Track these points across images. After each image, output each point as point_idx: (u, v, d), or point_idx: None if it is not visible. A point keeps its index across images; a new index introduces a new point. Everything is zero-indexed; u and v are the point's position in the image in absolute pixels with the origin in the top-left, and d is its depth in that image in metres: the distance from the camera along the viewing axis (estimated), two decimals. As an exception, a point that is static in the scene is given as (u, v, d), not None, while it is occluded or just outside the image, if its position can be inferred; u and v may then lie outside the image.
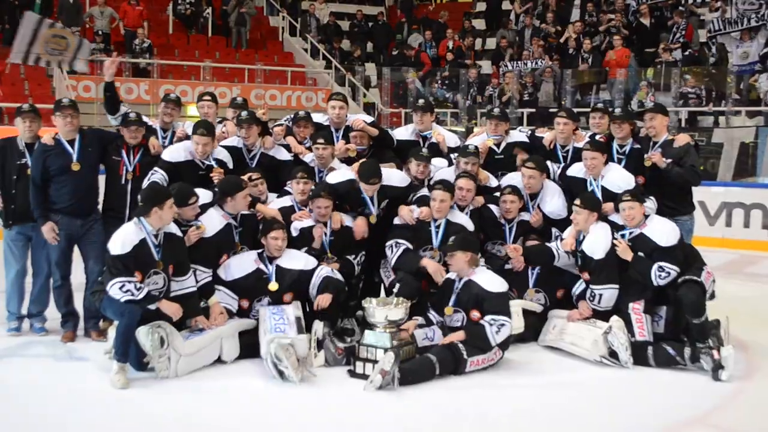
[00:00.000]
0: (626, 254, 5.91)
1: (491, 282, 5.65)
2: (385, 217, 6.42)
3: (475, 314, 5.58)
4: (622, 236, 5.99)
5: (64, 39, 7.14)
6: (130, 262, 5.17)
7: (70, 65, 7.25)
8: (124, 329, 5.12)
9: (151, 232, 5.30)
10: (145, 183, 6.00)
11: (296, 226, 6.13)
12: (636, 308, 5.86)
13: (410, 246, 6.15)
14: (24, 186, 6.00)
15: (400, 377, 5.11)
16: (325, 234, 6.17)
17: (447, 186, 6.22)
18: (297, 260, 5.91)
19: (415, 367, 5.31)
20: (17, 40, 7.10)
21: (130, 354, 5.18)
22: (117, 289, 5.12)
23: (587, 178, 6.42)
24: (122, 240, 5.22)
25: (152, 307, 5.25)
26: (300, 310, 5.60)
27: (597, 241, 5.93)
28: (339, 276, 5.91)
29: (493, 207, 6.49)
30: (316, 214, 6.13)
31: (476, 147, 6.72)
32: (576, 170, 6.53)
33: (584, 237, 6.01)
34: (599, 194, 6.28)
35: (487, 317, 5.49)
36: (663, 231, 5.90)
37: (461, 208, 6.36)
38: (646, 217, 6.00)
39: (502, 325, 5.49)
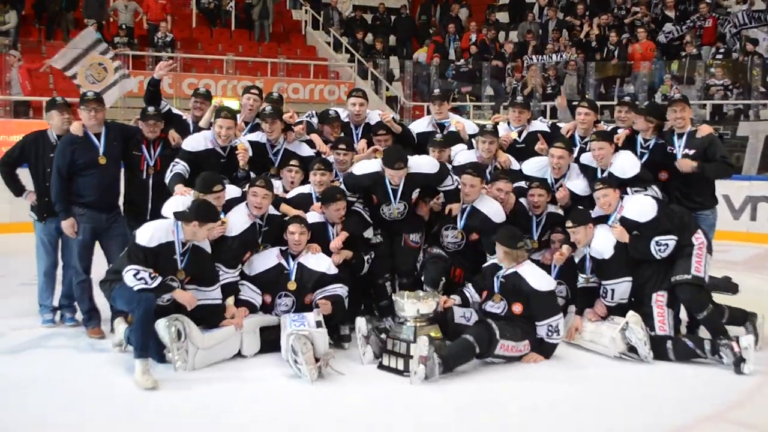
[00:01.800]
0: (623, 236, 5.90)
1: (540, 280, 5.65)
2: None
3: (517, 308, 5.62)
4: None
5: (106, 71, 7.23)
6: (151, 257, 5.17)
7: (99, 93, 7.29)
8: (141, 317, 5.07)
9: (181, 240, 5.30)
10: (168, 175, 6.00)
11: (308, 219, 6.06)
12: (659, 301, 5.87)
13: None
14: None
15: (442, 363, 5.13)
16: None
17: (477, 171, 6.21)
18: (322, 263, 5.86)
19: (455, 351, 5.33)
20: (67, 49, 7.19)
21: (151, 347, 5.19)
22: (131, 275, 5.10)
23: (597, 167, 6.41)
24: (151, 233, 5.22)
25: (167, 296, 5.25)
26: (321, 316, 5.56)
27: (604, 242, 5.92)
28: (342, 292, 5.89)
29: (523, 200, 6.47)
30: (330, 216, 6.09)
31: (494, 126, 6.73)
32: (588, 158, 6.51)
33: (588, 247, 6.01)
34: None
35: (543, 323, 5.56)
36: (640, 209, 5.92)
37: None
38: (622, 199, 6.03)
39: (558, 326, 5.60)
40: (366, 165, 6.27)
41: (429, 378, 5.10)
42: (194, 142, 6.23)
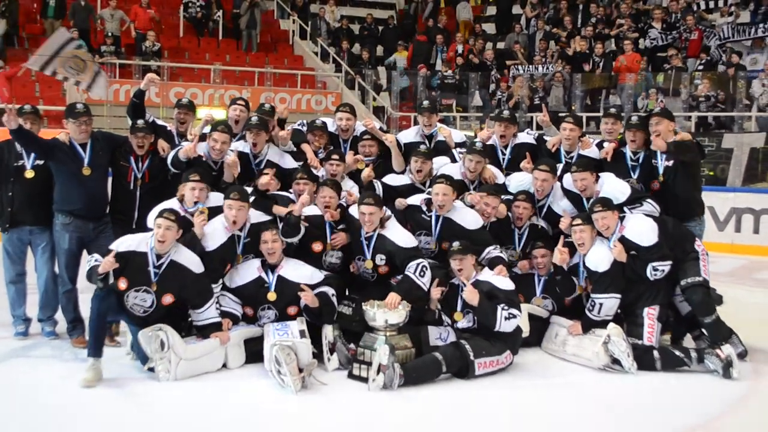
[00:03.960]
0: (622, 256, 5.87)
1: (501, 280, 5.69)
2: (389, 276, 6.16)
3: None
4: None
5: (83, 62, 7.20)
6: (120, 262, 5.15)
7: (88, 87, 7.21)
8: (94, 317, 5.15)
9: (153, 250, 5.27)
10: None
11: (302, 213, 5.99)
12: (651, 314, 5.87)
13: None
14: (21, 189, 5.95)
15: (404, 375, 5.10)
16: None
17: (450, 180, 6.13)
18: (303, 274, 5.75)
19: (419, 365, 5.30)
20: (42, 49, 7.18)
21: (141, 353, 5.21)
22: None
23: (583, 196, 6.36)
24: (122, 240, 5.33)
25: (147, 304, 5.29)
26: (304, 324, 5.53)
27: (601, 254, 5.91)
28: (328, 290, 5.77)
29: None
30: (319, 203, 6.04)
31: (483, 145, 6.71)
32: (570, 183, 6.42)
33: (584, 255, 6.00)
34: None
35: (501, 305, 5.48)
36: (642, 231, 5.88)
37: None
38: (623, 218, 5.99)
39: (513, 316, 5.50)
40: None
41: (388, 387, 5.07)
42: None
